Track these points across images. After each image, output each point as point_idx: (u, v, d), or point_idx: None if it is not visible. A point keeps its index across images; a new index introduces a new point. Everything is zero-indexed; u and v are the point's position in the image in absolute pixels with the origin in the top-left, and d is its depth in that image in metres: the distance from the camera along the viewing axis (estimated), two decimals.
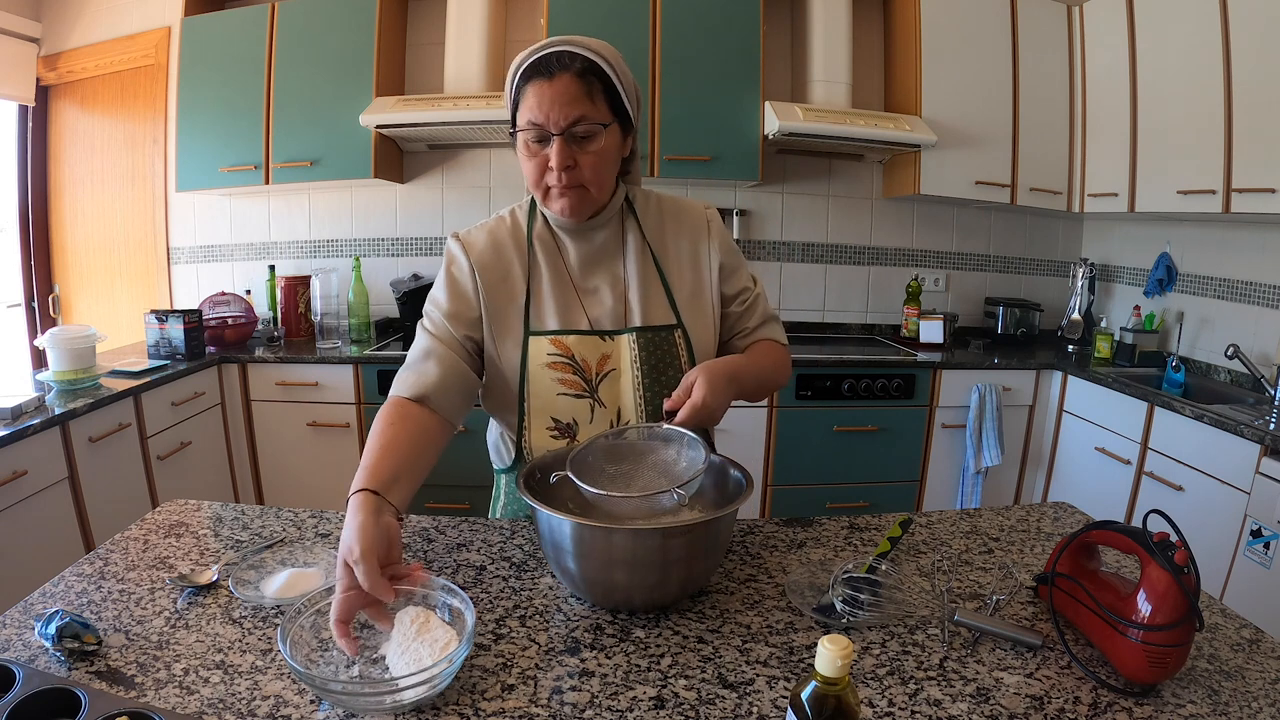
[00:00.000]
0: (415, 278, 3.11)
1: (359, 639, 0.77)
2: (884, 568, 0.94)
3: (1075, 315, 3.04)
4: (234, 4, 3.06)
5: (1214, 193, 2.27)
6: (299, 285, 2.92)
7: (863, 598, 0.88)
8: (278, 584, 0.91)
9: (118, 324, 3.18)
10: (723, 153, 2.78)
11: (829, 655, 0.56)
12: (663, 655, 0.79)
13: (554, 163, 0.98)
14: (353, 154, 2.79)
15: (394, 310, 3.08)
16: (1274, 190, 2.10)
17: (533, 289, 1.10)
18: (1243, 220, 2.46)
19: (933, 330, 3.00)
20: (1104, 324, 2.94)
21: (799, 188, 3.19)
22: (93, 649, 0.76)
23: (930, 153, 2.84)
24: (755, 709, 0.71)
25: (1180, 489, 2.19)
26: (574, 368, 1.07)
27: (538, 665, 0.77)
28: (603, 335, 1.08)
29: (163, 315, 2.56)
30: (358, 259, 3.04)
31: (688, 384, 0.98)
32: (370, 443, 0.93)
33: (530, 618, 0.86)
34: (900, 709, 0.71)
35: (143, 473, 2.27)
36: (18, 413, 1.83)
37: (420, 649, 0.72)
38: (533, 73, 0.97)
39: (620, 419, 1.08)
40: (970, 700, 0.73)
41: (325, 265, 3.09)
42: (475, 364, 1.09)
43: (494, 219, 1.15)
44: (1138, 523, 1.36)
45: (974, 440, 2.73)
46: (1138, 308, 2.86)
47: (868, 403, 2.71)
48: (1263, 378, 2.36)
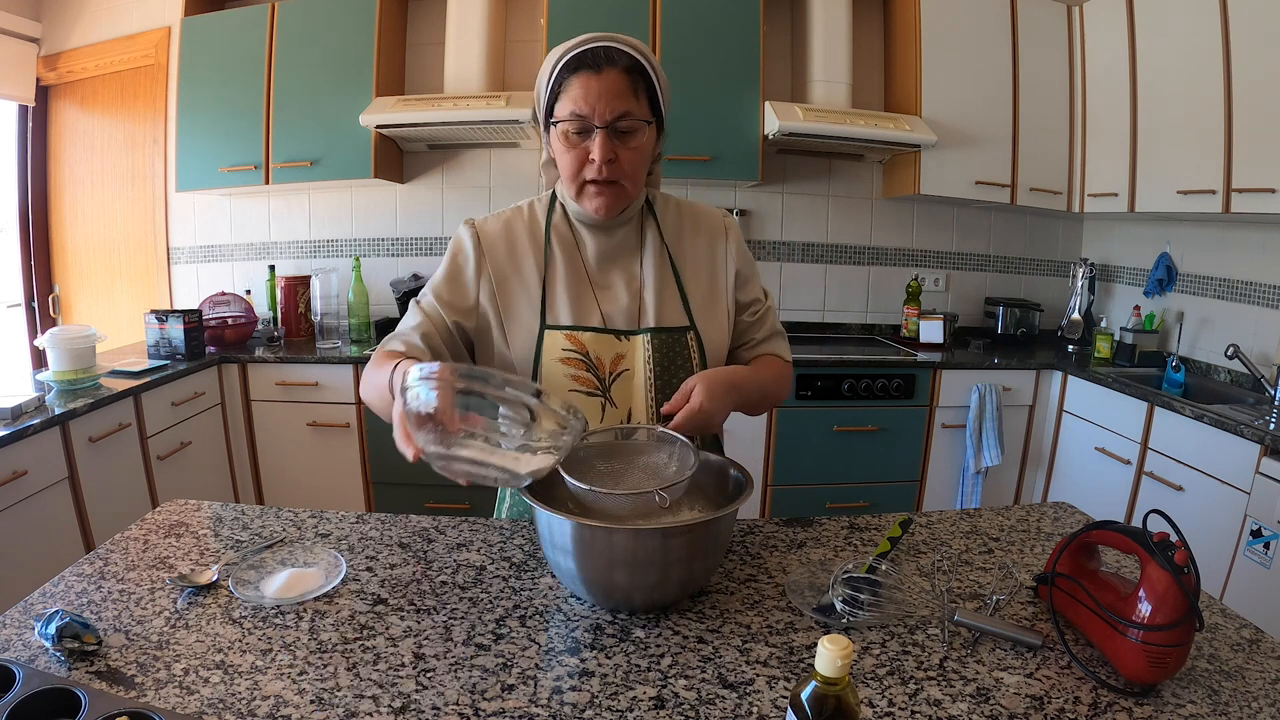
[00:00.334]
0: (415, 278, 3.11)
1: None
2: (884, 568, 0.94)
3: (1075, 315, 3.04)
4: (234, 4, 3.06)
5: (1214, 193, 2.27)
6: (299, 285, 2.92)
7: (863, 598, 0.88)
8: (278, 584, 0.91)
9: (118, 324, 3.18)
10: (723, 153, 2.78)
11: (829, 655, 0.56)
12: (663, 655, 0.79)
13: (596, 155, 0.99)
14: (353, 154, 2.79)
15: (394, 310, 3.08)
16: (1274, 190, 2.10)
17: (548, 282, 1.10)
18: (1243, 220, 2.46)
19: (933, 330, 3.00)
20: (1104, 324, 2.94)
21: (799, 188, 3.19)
22: (93, 649, 0.76)
23: (930, 153, 2.84)
24: (755, 709, 0.71)
25: (1180, 489, 2.19)
26: (587, 364, 1.06)
27: (538, 665, 0.77)
28: (618, 335, 1.08)
29: (163, 315, 2.56)
30: (358, 259, 3.04)
31: (686, 389, 0.98)
32: (379, 370, 0.96)
33: (530, 618, 0.86)
34: (900, 709, 0.71)
35: (143, 473, 2.27)
36: (18, 413, 1.83)
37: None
38: (579, 65, 0.98)
39: (630, 420, 1.08)
40: (970, 700, 0.73)
41: (325, 265, 3.09)
42: (458, 351, 1.11)
43: (511, 209, 1.15)
44: (1138, 523, 1.36)
45: (974, 440, 2.73)
46: (1138, 308, 2.86)
47: (868, 403, 2.71)
48: (1263, 378, 2.36)
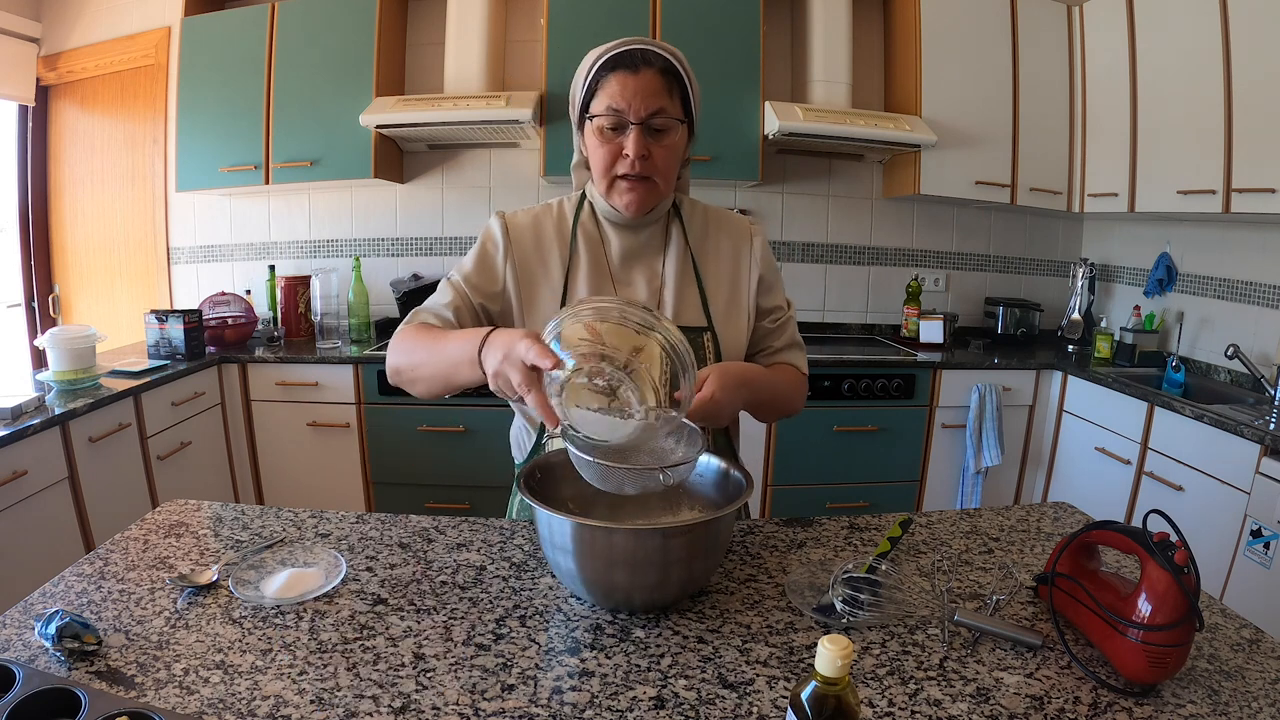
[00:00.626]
0: (415, 278, 3.11)
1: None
2: (884, 568, 0.94)
3: (1075, 315, 3.04)
4: (234, 4, 3.06)
5: (1214, 193, 2.27)
6: (299, 285, 2.92)
7: (863, 598, 0.88)
8: (278, 584, 0.91)
9: (118, 324, 3.18)
10: (723, 153, 2.78)
11: (829, 655, 0.56)
12: (663, 655, 0.79)
13: (630, 150, 1.02)
14: (353, 154, 2.79)
15: (394, 310, 3.08)
16: (1274, 190, 2.10)
17: (570, 276, 1.12)
18: (1243, 220, 2.46)
19: (933, 330, 3.00)
20: (1104, 324, 2.94)
21: (799, 188, 3.19)
22: (93, 649, 0.76)
23: (930, 153, 2.84)
24: (755, 709, 0.71)
25: (1180, 489, 2.19)
26: (602, 358, 1.07)
27: (538, 665, 0.77)
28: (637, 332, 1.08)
29: (163, 315, 2.56)
30: (358, 259, 3.04)
31: (700, 378, 0.98)
32: (432, 335, 1.01)
33: (530, 618, 0.86)
34: (900, 709, 0.71)
35: (143, 473, 2.27)
36: (18, 413, 1.83)
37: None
38: (616, 64, 1.02)
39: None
40: (970, 700, 0.73)
41: (325, 265, 3.09)
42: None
43: (541, 206, 1.19)
44: (1138, 523, 1.36)
45: (974, 440, 2.73)
46: (1138, 308, 2.86)
47: (868, 403, 2.71)
48: (1263, 378, 2.36)
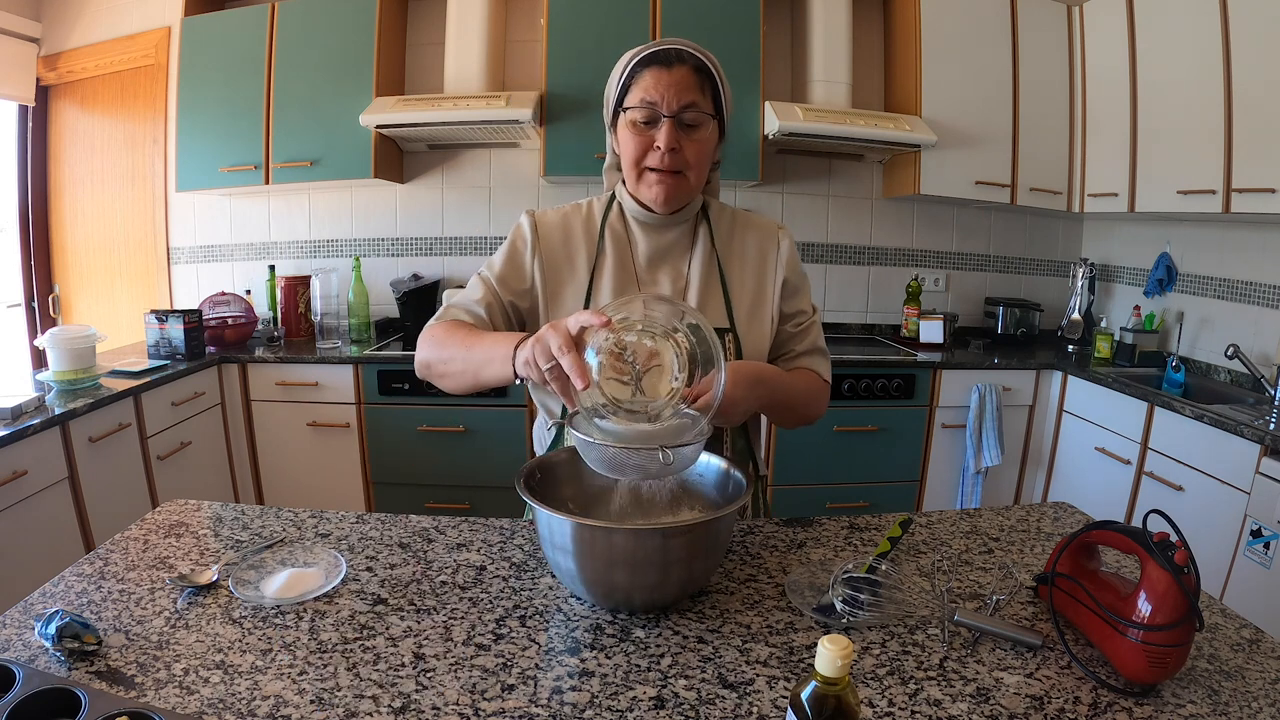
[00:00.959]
0: (415, 278, 3.11)
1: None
2: (884, 568, 0.94)
3: (1075, 315, 3.04)
4: (234, 4, 3.06)
5: (1214, 193, 2.27)
6: (299, 285, 2.92)
7: (863, 598, 0.88)
8: (278, 584, 0.91)
9: (118, 324, 3.18)
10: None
11: (829, 655, 0.56)
12: (663, 655, 0.79)
13: (661, 142, 1.03)
14: (353, 154, 2.79)
15: (394, 310, 3.08)
16: (1274, 190, 2.10)
17: (596, 275, 1.14)
18: (1243, 220, 2.46)
19: (933, 330, 3.00)
20: (1104, 324, 2.94)
21: (799, 188, 3.19)
22: (93, 649, 0.76)
23: (930, 153, 2.84)
24: (755, 709, 0.71)
25: (1180, 489, 2.19)
26: (627, 361, 1.07)
27: (538, 665, 0.77)
28: (657, 336, 1.08)
29: (163, 315, 2.56)
30: (358, 259, 3.04)
31: (712, 375, 0.98)
32: (464, 332, 1.04)
33: (530, 618, 0.86)
34: (900, 709, 0.71)
35: (143, 473, 2.27)
36: (18, 413, 1.83)
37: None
38: (651, 60, 1.04)
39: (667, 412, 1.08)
40: (970, 700, 0.73)
41: (325, 265, 3.09)
42: (512, 327, 1.16)
43: (571, 205, 1.20)
44: (1138, 523, 1.36)
45: (974, 440, 2.73)
46: (1138, 308, 2.86)
47: (868, 403, 2.71)
48: (1263, 378, 2.36)
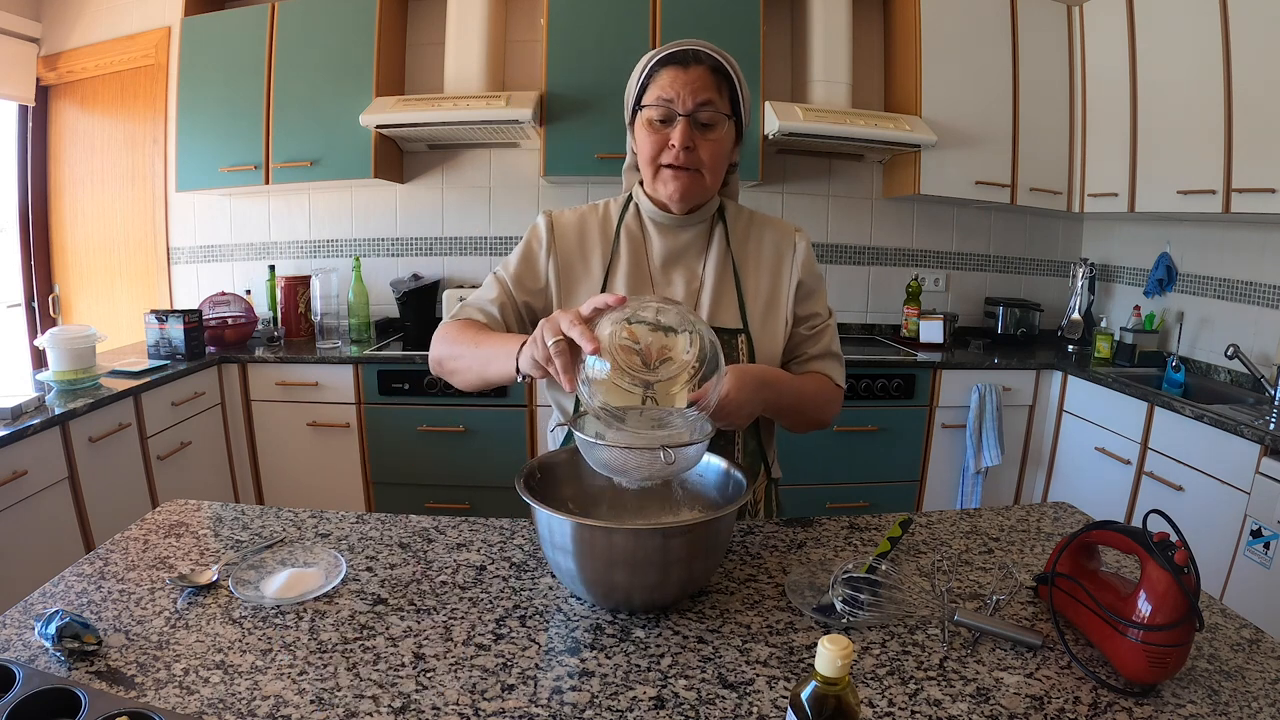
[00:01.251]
0: (415, 278, 3.11)
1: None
2: (884, 568, 0.94)
3: (1075, 315, 3.04)
4: (234, 4, 3.06)
5: (1214, 193, 2.27)
6: (299, 285, 2.92)
7: (863, 598, 0.88)
8: (278, 584, 0.91)
9: (118, 324, 3.18)
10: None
11: (829, 655, 0.56)
12: (663, 655, 0.79)
13: (676, 140, 1.04)
14: (353, 154, 2.79)
15: (394, 310, 3.08)
16: (1274, 190, 2.10)
17: (610, 274, 1.14)
18: (1243, 220, 2.46)
19: (933, 330, 3.00)
20: (1104, 324, 2.94)
21: (799, 188, 3.19)
22: (93, 649, 0.76)
23: (930, 153, 2.84)
24: (755, 709, 0.71)
25: (1180, 489, 2.19)
26: (636, 354, 1.07)
27: (538, 665, 0.77)
28: (668, 331, 1.08)
29: (163, 315, 2.56)
30: (358, 259, 3.04)
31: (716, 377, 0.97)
32: (475, 330, 1.06)
33: (530, 618, 0.86)
34: (900, 709, 0.71)
35: (143, 473, 2.27)
36: (18, 413, 1.83)
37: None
38: (669, 60, 1.06)
39: (669, 417, 1.07)
40: (970, 700, 0.73)
41: (325, 265, 3.09)
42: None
43: (589, 205, 1.21)
44: (1138, 523, 1.36)
45: (974, 440, 2.73)
46: (1138, 308, 2.86)
47: (868, 403, 2.71)
48: (1263, 378, 2.36)
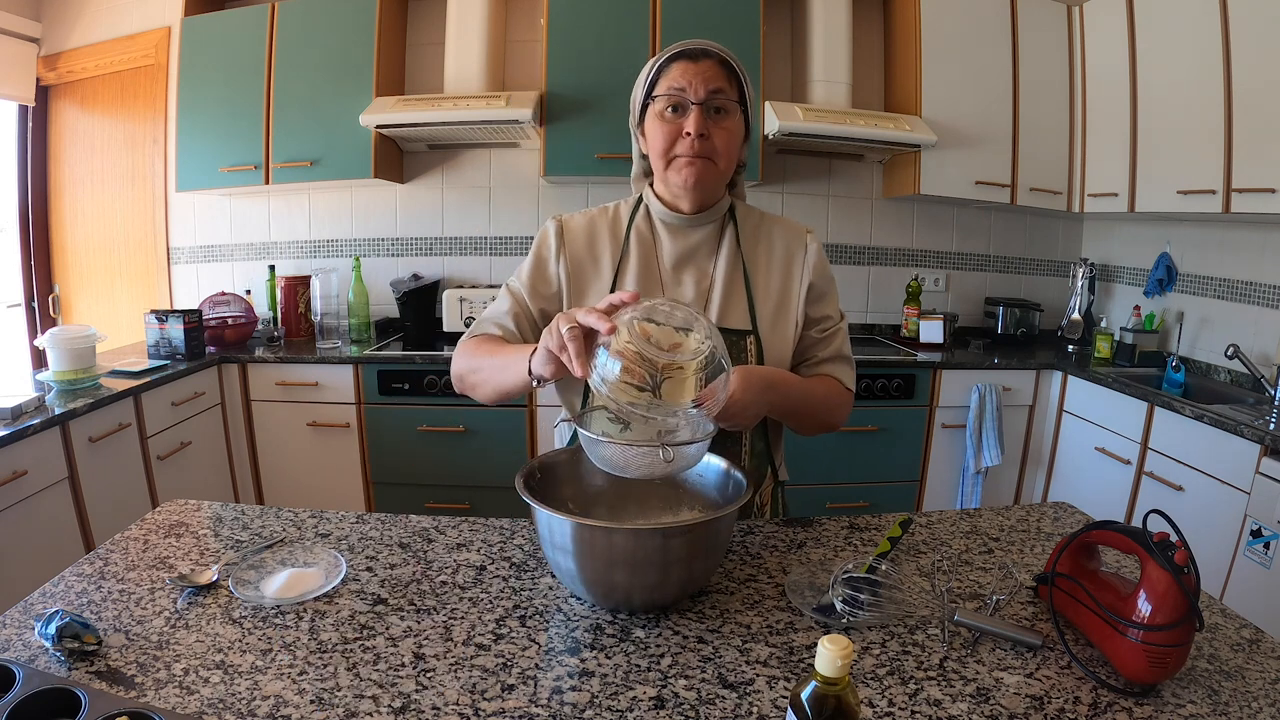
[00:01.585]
0: (415, 278, 3.11)
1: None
2: (884, 568, 0.94)
3: (1075, 315, 3.04)
4: (234, 4, 3.06)
5: (1214, 193, 2.27)
6: (299, 285, 2.92)
7: (863, 598, 0.88)
8: (278, 584, 0.91)
9: (118, 324, 3.18)
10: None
11: (829, 655, 0.56)
12: (663, 655, 0.79)
13: (690, 128, 1.05)
14: (353, 154, 2.79)
15: (394, 310, 3.08)
16: (1274, 190, 2.09)
17: (620, 275, 1.14)
18: (1243, 220, 2.46)
19: (933, 330, 3.00)
20: (1104, 324, 2.94)
21: (799, 187, 3.19)
22: (93, 649, 0.76)
23: (930, 153, 2.84)
24: (755, 709, 0.71)
25: (1180, 489, 2.19)
26: (645, 356, 1.06)
27: (538, 665, 0.77)
28: (677, 330, 1.07)
29: (163, 315, 2.56)
30: (358, 259, 3.04)
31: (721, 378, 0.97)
32: (491, 344, 1.08)
33: (530, 618, 0.86)
34: (900, 709, 0.71)
35: (143, 473, 2.27)
36: (18, 413, 1.83)
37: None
38: (678, 56, 1.07)
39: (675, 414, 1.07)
40: (970, 700, 0.73)
41: (325, 265, 3.09)
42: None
43: (598, 207, 1.21)
44: (1138, 523, 1.36)
45: (974, 440, 2.73)
46: (1138, 308, 2.86)
47: (868, 403, 2.71)
48: (1263, 378, 2.36)
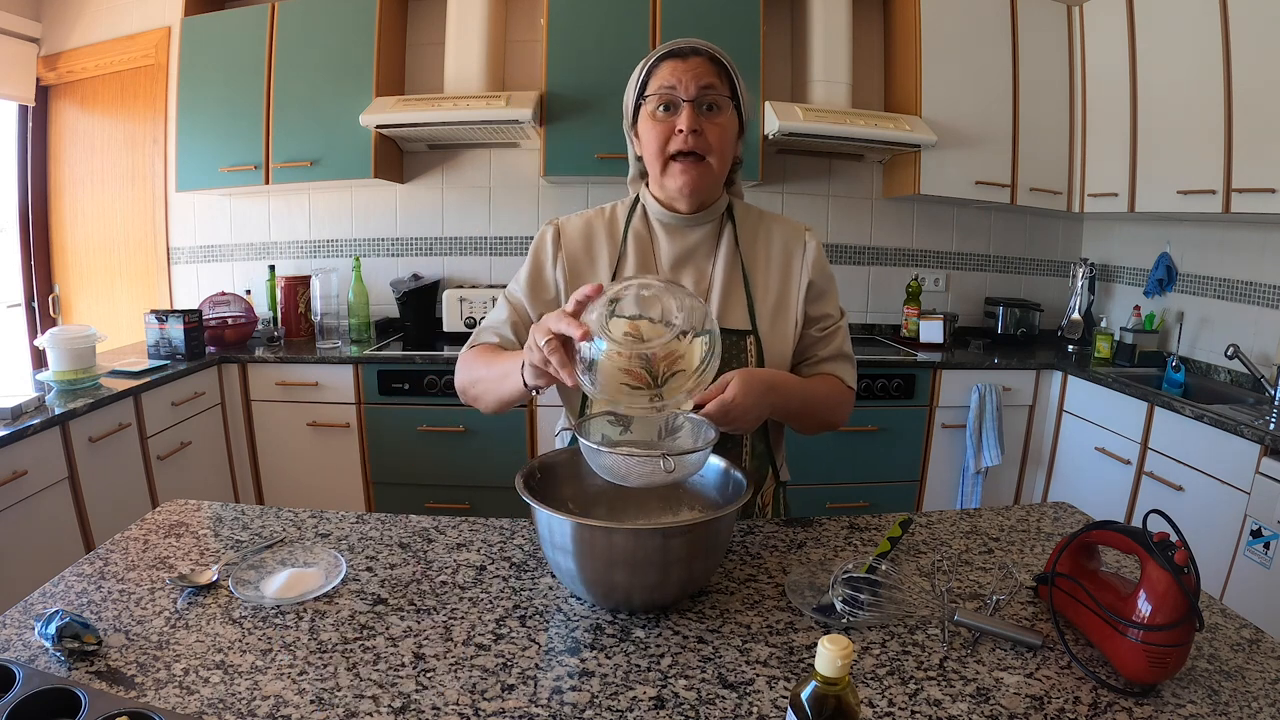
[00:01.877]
0: (415, 278, 3.11)
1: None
2: (884, 568, 0.94)
3: (1075, 315, 3.04)
4: (234, 4, 3.06)
5: (1214, 193, 2.27)
6: (299, 285, 2.92)
7: (863, 598, 0.88)
8: (278, 584, 0.91)
9: (118, 324, 3.18)
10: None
11: (829, 655, 0.56)
12: (663, 655, 0.79)
13: (683, 124, 1.04)
14: (353, 154, 2.79)
15: (394, 310, 3.08)
16: (1274, 190, 2.09)
17: (618, 277, 1.14)
18: (1243, 220, 2.46)
19: (933, 330, 3.00)
20: (1104, 324, 2.94)
21: (799, 188, 3.19)
22: (93, 649, 0.76)
23: (930, 153, 2.84)
24: (755, 709, 0.71)
25: (1180, 489, 2.19)
26: (642, 360, 1.06)
27: (538, 665, 0.77)
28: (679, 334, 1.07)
29: (163, 315, 2.56)
30: (358, 259, 3.04)
31: (724, 381, 0.96)
32: (489, 355, 1.09)
33: (530, 618, 0.86)
34: (900, 709, 0.71)
35: (143, 473, 2.27)
36: (18, 413, 1.83)
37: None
38: (668, 55, 1.07)
39: (675, 420, 1.06)
40: (970, 700, 0.73)
41: (325, 265, 3.09)
42: None
43: (594, 210, 1.21)
44: (1138, 523, 1.36)
45: (974, 440, 2.73)
46: (1138, 308, 2.86)
47: (868, 403, 2.71)
48: (1263, 378, 2.36)
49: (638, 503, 1.02)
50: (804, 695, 0.59)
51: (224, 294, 2.90)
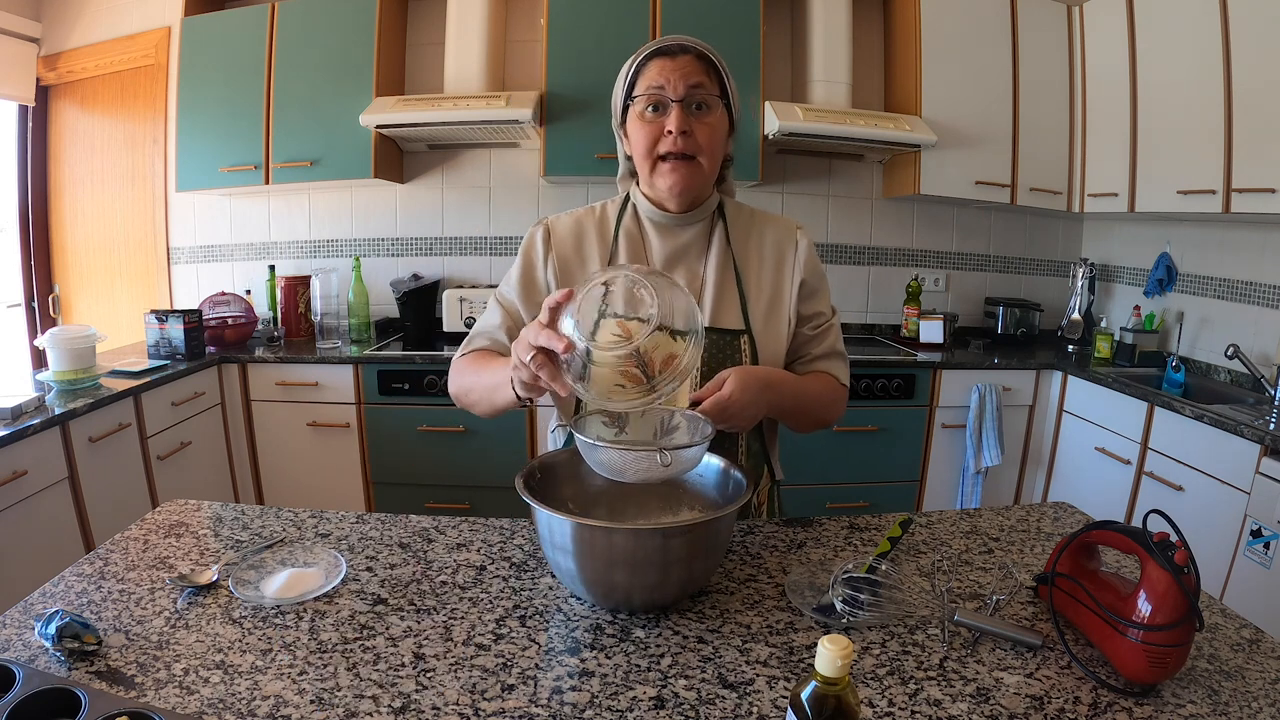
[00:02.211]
0: (415, 278, 3.11)
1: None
2: (884, 568, 0.94)
3: (1075, 315, 3.04)
4: (234, 4, 3.06)
5: (1214, 193, 2.27)
6: (299, 285, 2.92)
7: (863, 598, 0.88)
8: (278, 584, 0.91)
9: (118, 324, 3.18)
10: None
11: (829, 655, 0.56)
12: (663, 655, 0.79)
13: (672, 125, 1.04)
14: (353, 154, 2.79)
15: (394, 310, 3.08)
16: (1274, 190, 2.10)
17: None
18: (1243, 220, 2.46)
19: (933, 330, 3.00)
20: (1104, 324, 2.94)
21: (799, 188, 3.19)
22: (93, 649, 0.76)
23: (930, 153, 2.84)
24: (755, 709, 0.71)
25: (1180, 489, 2.19)
26: (636, 360, 1.06)
27: (538, 665, 0.77)
28: (673, 334, 1.07)
29: (163, 315, 2.56)
30: (358, 259, 3.04)
31: (720, 379, 0.97)
32: (481, 362, 1.09)
33: (530, 618, 0.86)
34: (900, 709, 0.71)
35: (143, 473, 2.27)
36: (18, 413, 1.83)
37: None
38: (656, 53, 1.06)
39: (672, 419, 1.07)
40: (970, 700, 0.73)
41: (325, 265, 3.09)
42: None
43: (585, 208, 1.20)
44: (1138, 523, 1.36)
45: (974, 440, 2.73)
46: (1138, 308, 2.86)
47: (868, 403, 2.71)
48: (1263, 378, 2.36)
49: (638, 503, 1.02)
50: (804, 695, 0.59)
51: (224, 294, 2.90)
